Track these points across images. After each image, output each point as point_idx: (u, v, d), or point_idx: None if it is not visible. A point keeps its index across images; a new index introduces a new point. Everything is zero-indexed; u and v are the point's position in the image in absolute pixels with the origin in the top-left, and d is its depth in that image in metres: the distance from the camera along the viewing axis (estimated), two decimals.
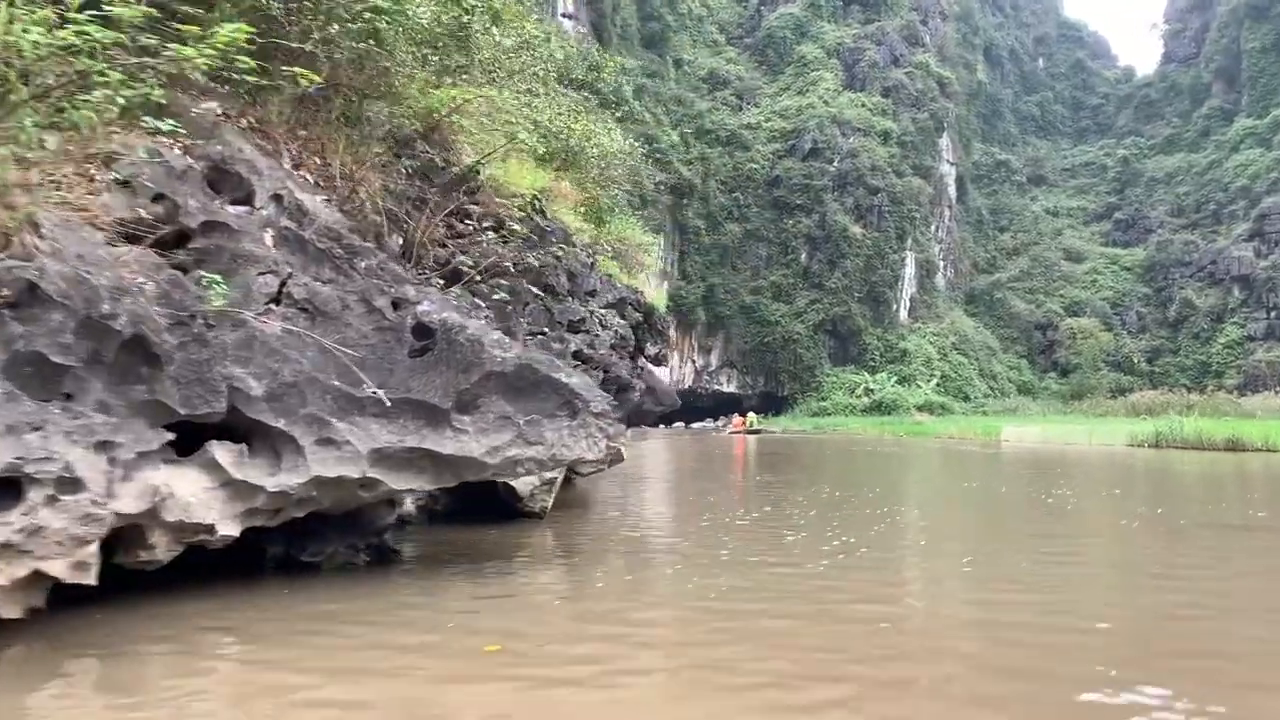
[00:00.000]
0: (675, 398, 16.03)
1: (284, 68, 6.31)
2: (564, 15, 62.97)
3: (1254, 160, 72.89)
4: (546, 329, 9.49)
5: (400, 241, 8.64)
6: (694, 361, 69.99)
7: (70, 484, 4.41)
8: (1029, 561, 7.22)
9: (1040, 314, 73.17)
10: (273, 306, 5.86)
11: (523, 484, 8.59)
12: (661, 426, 64.37)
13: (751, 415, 52.51)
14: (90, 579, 4.53)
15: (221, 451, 5.17)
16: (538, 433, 5.99)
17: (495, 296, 8.14)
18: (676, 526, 9.59)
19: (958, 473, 19.11)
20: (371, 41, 7.57)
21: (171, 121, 5.74)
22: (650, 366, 14.90)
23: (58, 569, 4.36)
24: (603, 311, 12.37)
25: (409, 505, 8.50)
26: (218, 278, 5.48)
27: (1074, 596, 5.94)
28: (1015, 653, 4.50)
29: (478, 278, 8.15)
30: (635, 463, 22.42)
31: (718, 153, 70.21)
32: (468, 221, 9.75)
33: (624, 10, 68.84)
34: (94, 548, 4.53)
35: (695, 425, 65.49)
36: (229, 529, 5.15)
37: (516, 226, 8.73)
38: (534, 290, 9.62)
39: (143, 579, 5.26)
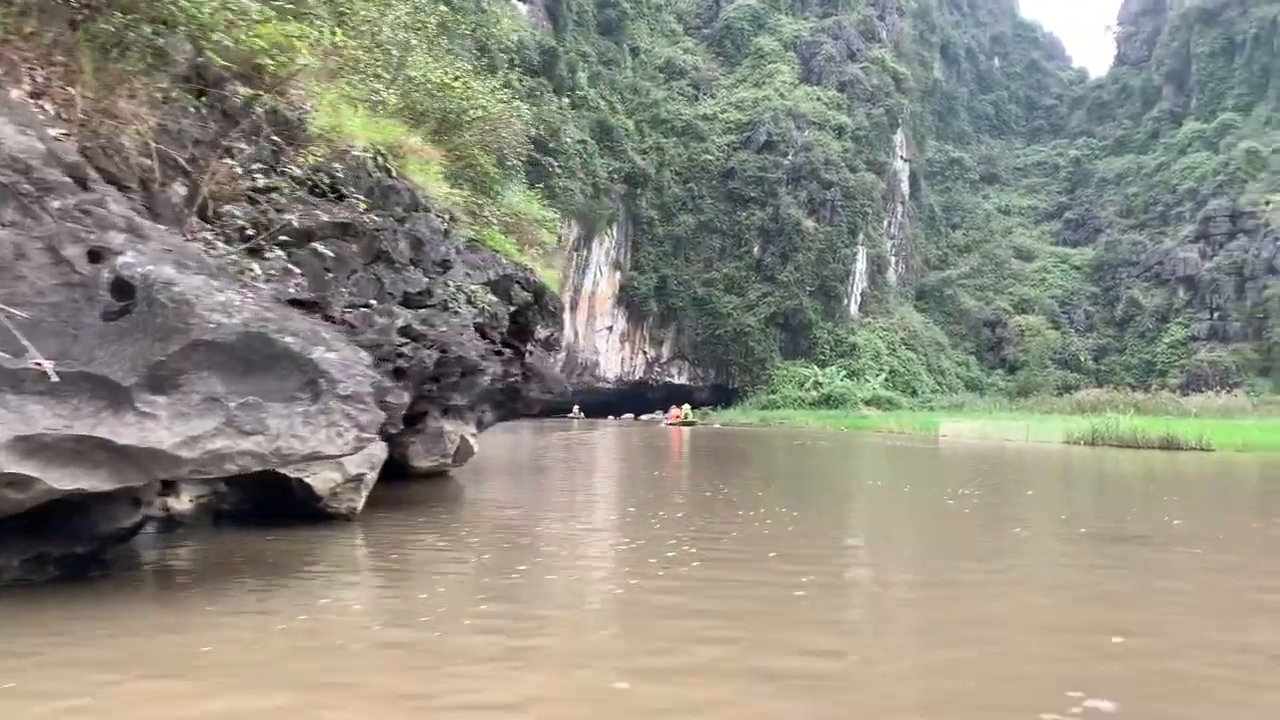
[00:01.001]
0: (565, 385, 14.86)
1: None
2: None
3: (1201, 163, 73.50)
4: (374, 300, 8.28)
5: (184, 193, 7.38)
6: (645, 353, 69.01)
7: None
8: (876, 585, 6.16)
9: (989, 311, 73.11)
10: None
11: (320, 480, 7.39)
12: (611, 417, 63.63)
13: (687, 407, 52.18)
14: None
15: None
16: (256, 419, 4.79)
17: (270, 254, 6.88)
18: (502, 533, 8.33)
19: (874, 469, 18.18)
20: None
21: None
22: (541, 351, 13.73)
23: None
24: (474, 287, 11.19)
25: (184, 504, 7.28)
26: None
27: (879, 644, 4.78)
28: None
29: (256, 234, 6.91)
30: (552, 453, 21.23)
31: (673, 143, 69.11)
32: (298, 176, 8.52)
33: None
34: None
35: (645, 416, 64.80)
36: None
37: (296, 172, 7.49)
38: (363, 257, 8.41)
39: None
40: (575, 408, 64.07)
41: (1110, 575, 6.52)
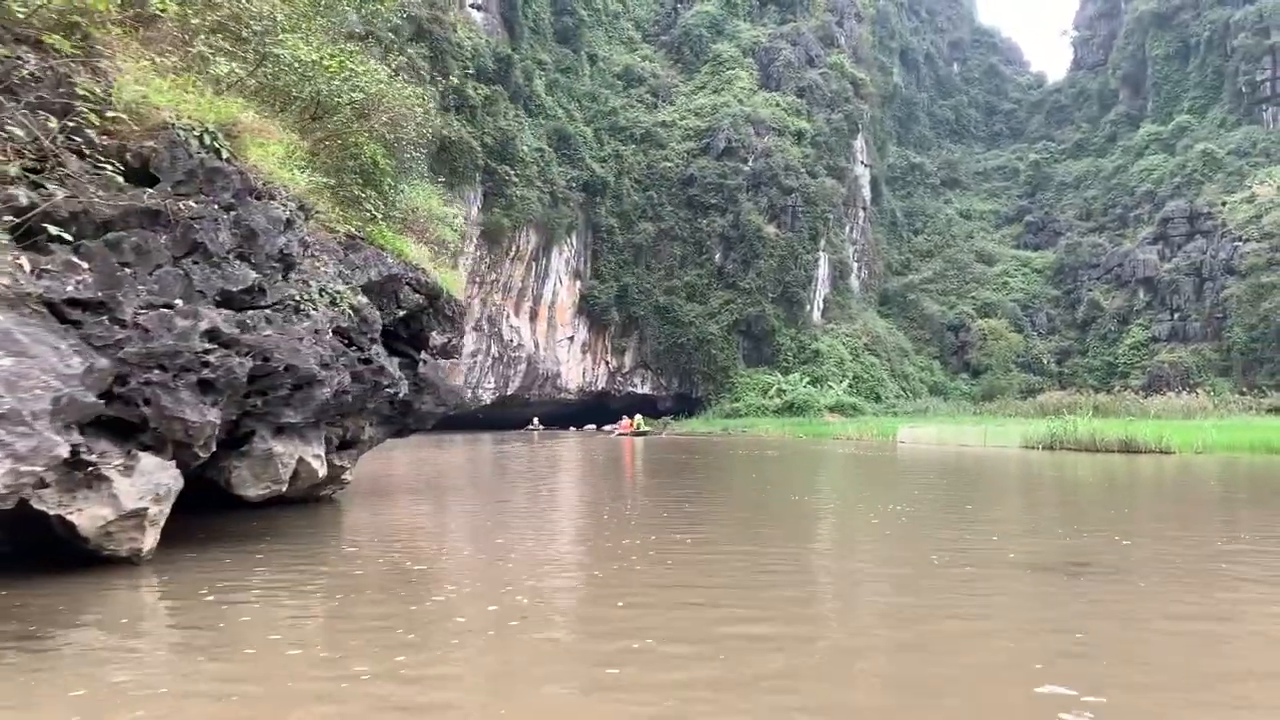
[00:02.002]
0: (460, 397, 13.59)
1: None
2: (473, 5, 60.15)
3: (1158, 165, 73.82)
4: (180, 299, 7.01)
5: None
6: (607, 362, 67.88)
7: None
8: (722, 651, 4.89)
9: (952, 315, 72.77)
10: None
11: (86, 518, 6.07)
12: (572, 428, 62.36)
13: (639, 417, 51.65)
14: None
15: None
16: None
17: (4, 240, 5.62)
18: (326, 578, 6.90)
19: (813, 482, 16.98)
20: None
21: None
22: (440, 360, 12.46)
23: None
24: (341, 287, 9.93)
25: None
26: None
27: None
28: None
29: (23, 220, 5.65)
30: (483, 468, 19.90)
31: (631, 150, 68.32)
32: (95, 154, 7.26)
33: (536, 3, 66.24)
34: None
35: (607, 427, 63.74)
36: None
37: (48, 138, 6.23)
38: (176, 249, 7.15)
39: None
40: (535, 420, 63.00)
41: (1018, 632, 5.26)
